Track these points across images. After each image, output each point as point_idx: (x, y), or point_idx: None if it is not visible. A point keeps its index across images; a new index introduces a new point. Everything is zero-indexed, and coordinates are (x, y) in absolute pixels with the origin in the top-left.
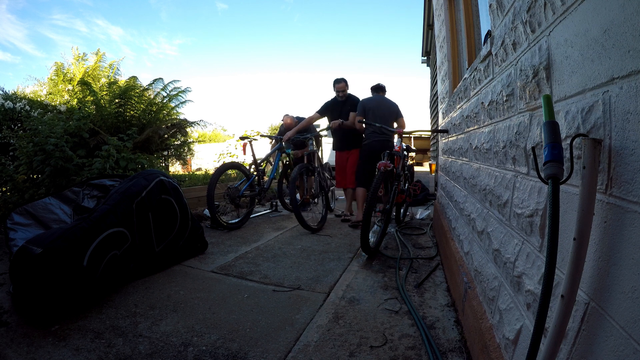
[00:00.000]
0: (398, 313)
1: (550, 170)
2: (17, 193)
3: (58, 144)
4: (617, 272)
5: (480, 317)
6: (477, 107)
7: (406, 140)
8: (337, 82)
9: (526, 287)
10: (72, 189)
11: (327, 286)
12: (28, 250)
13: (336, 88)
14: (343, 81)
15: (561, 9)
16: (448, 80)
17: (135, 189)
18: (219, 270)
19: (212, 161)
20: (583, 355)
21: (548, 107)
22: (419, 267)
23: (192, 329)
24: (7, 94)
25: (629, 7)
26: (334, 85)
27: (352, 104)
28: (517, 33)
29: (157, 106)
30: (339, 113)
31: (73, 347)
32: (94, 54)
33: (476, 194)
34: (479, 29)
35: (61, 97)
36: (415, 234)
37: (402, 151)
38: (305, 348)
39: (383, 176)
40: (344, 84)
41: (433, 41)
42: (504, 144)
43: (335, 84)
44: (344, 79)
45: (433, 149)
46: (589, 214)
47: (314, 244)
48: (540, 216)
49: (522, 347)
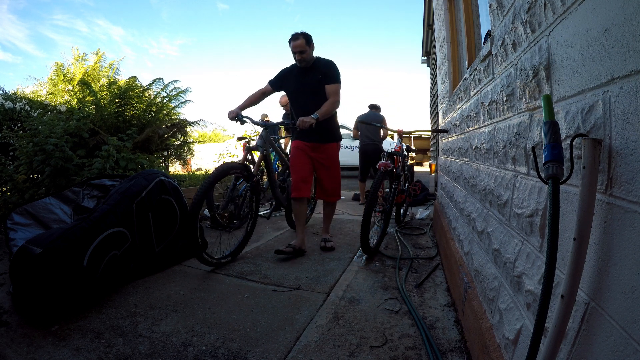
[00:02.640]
0: (398, 313)
1: (550, 170)
2: (17, 193)
3: (58, 144)
4: (617, 272)
5: (480, 317)
6: (477, 107)
7: (406, 140)
8: (293, 39)
9: (526, 287)
10: (72, 189)
11: (327, 286)
12: (28, 250)
13: (292, 47)
14: (302, 37)
15: (561, 9)
16: (448, 80)
17: (135, 189)
18: (219, 270)
19: (212, 161)
20: (583, 355)
21: (548, 107)
22: (419, 267)
23: (192, 329)
24: (7, 94)
25: (629, 7)
26: (289, 44)
27: (324, 73)
28: (517, 33)
29: (157, 106)
30: (299, 87)
31: (73, 347)
32: (94, 54)
33: (476, 194)
34: (479, 29)
35: (61, 97)
36: (415, 234)
37: (402, 151)
38: (305, 348)
39: (383, 176)
40: (303, 41)
41: (433, 41)
42: (504, 144)
43: (290, 42)
44: (303, 34)
45: (433, 149)
46: (589, 214)
47: (314, 244)
48: (540, 216)
49: (522, 347)
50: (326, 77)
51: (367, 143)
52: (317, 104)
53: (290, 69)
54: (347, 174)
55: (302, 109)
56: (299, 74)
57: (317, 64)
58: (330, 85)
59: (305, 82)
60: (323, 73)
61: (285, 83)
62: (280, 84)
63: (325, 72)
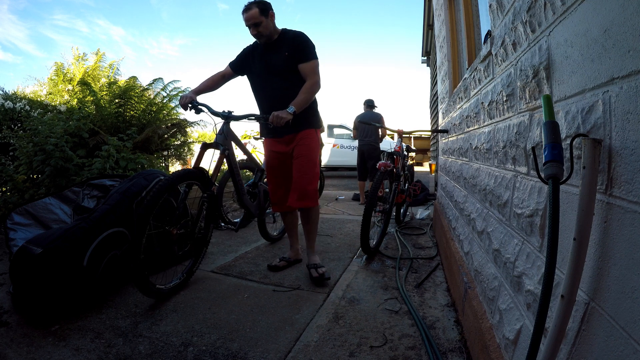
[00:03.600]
0: (398, 313)
1: (550, 170)
2: (17, 193)
3: (58, 144)
4: (617, 272)
5: (480, 317)
6: (477, 107)
7: (406, 140)
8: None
9: (526, 287)
10: (72, 189)
11: (327, 286)
12: (28, 250)
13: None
14: (254, 6)
15: (561, 9)
16: (448, 80)
17: (135, 189)
18: (219, 270)
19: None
20: (583, 355)
21: (548, 107)
22: (419, 267)
23: (192, 329)
24: (7, 94)
25: (629, 7)
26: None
27: (294, 48)
28: (517, 33)
29: (157, 106)
30: (263, 70)
31: (73, 347)
32: (94, 54)
33: (476, 194)
34: (479, 29)
35: (61, 97)
36: (415, 234)
37: (402, 151)
38: (305, 348)
39: (383, 176)
40: (256, 10)
41: (433, 41)
42: (504, 144)
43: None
44: (256, 2)
45: (433, 149)
46: (589, 214)
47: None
48: (540, 216)
49: (522, 347)
50: (296, 53)
51: (364, 143)
52: (286, 91)
53: (252, 47)
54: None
55: (268, 99)
56: (263, 54)
57: (283, 38)
58: (305, 64)
59: (269, 63)
60: (291, 49)
61: (247, 66)
62: (242, 65)
63: (294, 47)
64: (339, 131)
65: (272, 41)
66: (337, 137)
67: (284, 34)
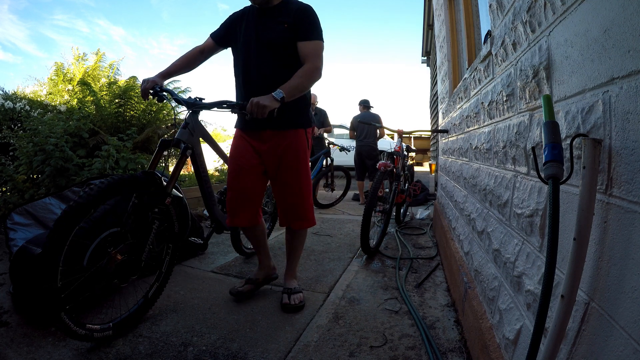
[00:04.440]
0: (398, 313)
1: (551, 170)
2: (17, 193)
3: (58, 144)
4: (617, 272)
5: (480, 317)
6: (477, 107)
7: (406, 140)
8: None
9: (526, 287)
10: (72, 189)
11: (327, 286)
12: (28, 250)
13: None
14: None
15: (561, 9)
16: (448, 80)
17: None
18: (219, 270)
19: (212, 161)
20: (583, 355)
21: (548, 107)
22: (419, 267)
23: (192, 329)
24: (7, 94)
25: (629, 7)
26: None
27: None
28: (517, 33)
29: (157, 106)
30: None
31: (73, 347)
32: (94, 54)
33: (476, 194)
34: (479, 29)
35: (61, 97)
36: (415, 234)
37: (402, 151)
38: (305, 348)
39: (383, 176)
40: None
41: (433, 41)
42: (504, 144)
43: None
44: None
45: (433, 149)
46: (589, 214)
47: (314, 244)
48: (540, 216)
49: (522, 347)
50: (299, 28)
51: (362, 144)
52: (277, 71)
53: (242, 12)
54: None
55: (251, 80)
56: (256, 20)
57: (285, 6)
58: (307, 42)
59: (262, 33)
60: (293, 20)
61: (233, 35)
62: (226, 35)
63: (297, 19)
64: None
65: (271, 6)
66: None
67: (287, 2)
